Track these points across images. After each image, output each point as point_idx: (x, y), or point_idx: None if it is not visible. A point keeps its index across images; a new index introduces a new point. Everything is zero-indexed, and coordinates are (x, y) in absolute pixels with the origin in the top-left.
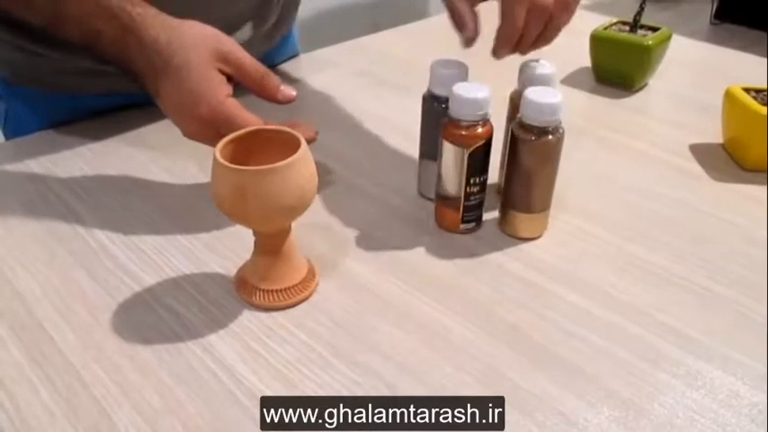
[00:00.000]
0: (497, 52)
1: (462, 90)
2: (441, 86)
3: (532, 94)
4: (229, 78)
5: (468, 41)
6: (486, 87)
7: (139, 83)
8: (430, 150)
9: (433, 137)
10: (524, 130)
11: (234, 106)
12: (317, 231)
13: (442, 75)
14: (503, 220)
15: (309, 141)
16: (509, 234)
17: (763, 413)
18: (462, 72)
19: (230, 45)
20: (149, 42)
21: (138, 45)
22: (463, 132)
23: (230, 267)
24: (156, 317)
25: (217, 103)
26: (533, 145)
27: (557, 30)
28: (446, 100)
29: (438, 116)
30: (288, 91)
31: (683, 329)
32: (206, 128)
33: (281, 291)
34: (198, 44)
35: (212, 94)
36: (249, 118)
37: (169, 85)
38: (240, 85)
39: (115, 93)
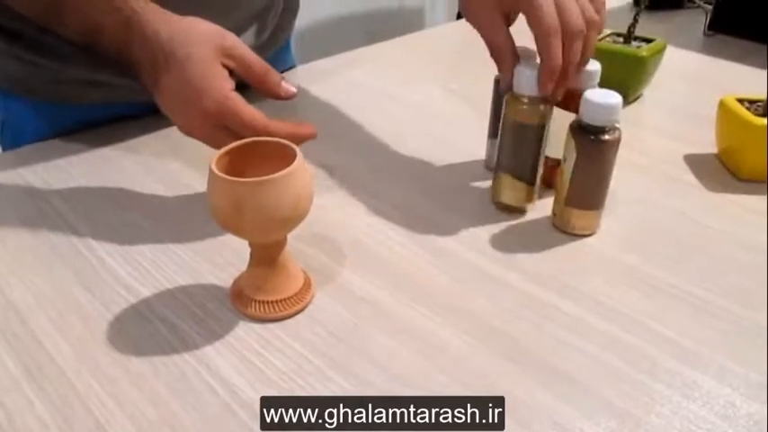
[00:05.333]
0: (545, 88)
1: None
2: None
3: (593, 95)
4: (231, 74)
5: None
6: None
7: (138, 77)
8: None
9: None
10: (584, 131)
11: (240, 101)
12: (312, 242)
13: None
14: (560, 218)
15: (311, 137)
16: (564, 231)
17: (759, 423)
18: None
19: (233, 40)
20: (151, 35)
21: (140, 38)
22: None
23: (226, 279)
24: (151, 328)
25: (222, 96)
26: (593, 144)
27: (591, 49)
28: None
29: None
30: (289, 87)
31: (679, 339)
32: (208, 122)
33: (276, 302)
34: (201, 39)
35: (217, 87)
36: (255, 112)
37: (171, 79)
38: (241, 80)
39: (111, 103)
